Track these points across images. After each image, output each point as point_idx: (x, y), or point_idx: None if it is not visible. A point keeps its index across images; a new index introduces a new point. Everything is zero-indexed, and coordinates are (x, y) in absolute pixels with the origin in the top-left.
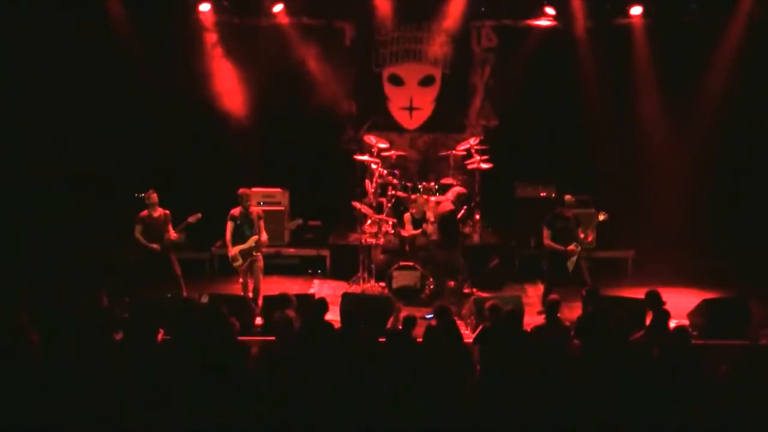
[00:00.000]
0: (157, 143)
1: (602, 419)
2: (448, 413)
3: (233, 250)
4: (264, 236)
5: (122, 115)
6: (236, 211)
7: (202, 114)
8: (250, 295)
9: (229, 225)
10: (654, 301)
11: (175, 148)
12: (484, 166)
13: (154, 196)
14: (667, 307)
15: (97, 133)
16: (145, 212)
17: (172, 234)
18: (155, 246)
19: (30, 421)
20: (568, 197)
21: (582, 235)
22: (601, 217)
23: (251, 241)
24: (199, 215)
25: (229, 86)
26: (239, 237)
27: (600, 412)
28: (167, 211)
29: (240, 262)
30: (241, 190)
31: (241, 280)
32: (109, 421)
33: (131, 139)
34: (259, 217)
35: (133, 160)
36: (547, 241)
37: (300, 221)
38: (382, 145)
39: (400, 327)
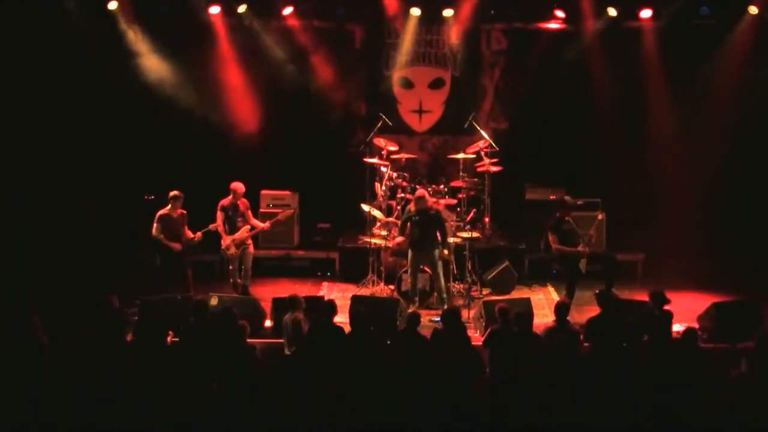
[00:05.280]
0: (167, 145)
1: (611, 421)
2: (458, 415)
3: (227, 240)
4: (257, 223)
5: (131, 117)
6: (226, 201)
7: (212, 116)
8: (239, 281)
9: (220, 215)
10: (657, 301)
11: (185, 150)
12: (494, 168)
13: (181, 196)
14: (677, 310)
15: (107, 134)
16: (164, 211)
17: (190, 234)
18: (177, 245)
19: (38, 422)
20: (567, 198)
21: (591, 232)
22: (599, 217)
23: (243, 231)
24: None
25: (238, 88)
26: (230, 226)
27: (609, 414)
28: (184, 211)
29: (233, 250)
30: (233, 184)
31: (231, 267)
32: (117, 422)
33: (141, 140)
34: (247, 208)
35: (143, 161)
36: (556, 246)
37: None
38: (392, 148)
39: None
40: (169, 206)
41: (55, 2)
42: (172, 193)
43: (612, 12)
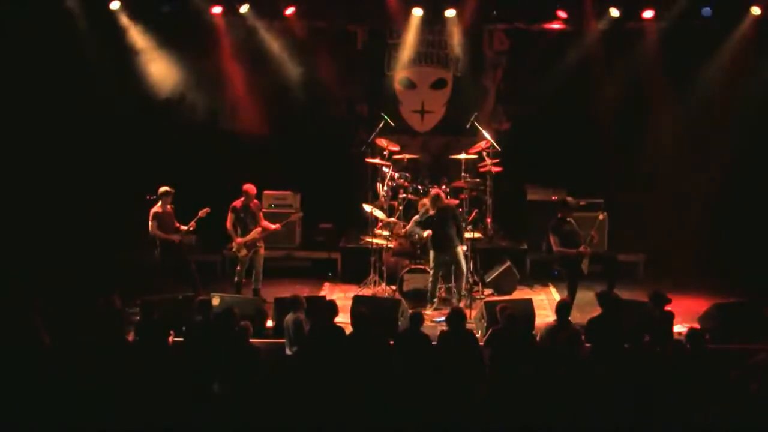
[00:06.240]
0: (168, 145)
1: (611, 422)
2: (459, 415)
3: (238, 241)
4: (267, 225)
5: (131, 116)
6: (238, 203)
7: (214, 116)
8: (244, 280)
9: (230, 216)
10: (658, 302)
11: (187, 150)
12: (496, 169)
13: (171, 192)
14: (678, 310)
15: (107, 134)
16: (157, 208)
17: (183, 227)
18: (175, 237)
19: (40, 421)
20: (569, 199)
21: (593, 234)
22: (601, 217)
23: (255, 233)
24: (208, 209)
25: (240, 88)
26: (242, 228)
27: (609, 416)
28: (172, 206)
29: (245, 252)
30: (246, 186)
31: (238, 268)
32: (118, 422)
33: (142, 140)
34: (259, 209)
35: (143, 161)
36: (557, 248)
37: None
38: (394, 148)
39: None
40: (160, 202)
41: (56, 1)
42: (162, 189)
43: (614, 13)
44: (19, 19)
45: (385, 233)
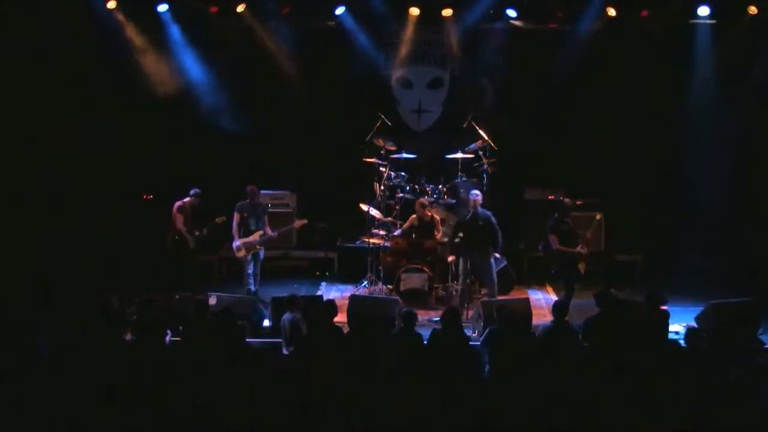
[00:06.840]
0: (165, 144)
1: (610, 421)
2: (456, 415)
3: (237, 241)
4: (268, 230)
5: (131, 117)
6: (243, 204)
7: (211, 116)
8: (252, 287)
9: (236, 216)
10: (655, 301)
11: (183, 150)
12: (492, 168)
13: (200, 193)
14: (675, 310)
15: (105, 134)
16: (182, 203)
17: (196, 232)
18: (190, 243)
19: (39, 421)
20: (567, 200)
21: (589, 236)
22: (598, 217)
23: (256, 235)
24: (224, 218)
25: (237, 88)
26: (245, 229)
27: (607, 415)
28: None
29: (244, 252)
30: (249, 187)
31: (245, 272)
32: (117, 422)
33: (138, 140)
34: (264, 212)
35: (141, 161)
36: (557, 246)
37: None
38: (391, 148)
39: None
40: (188, 199)
41: (54, 1)
42: (194, 190)
43: (612, 12)
44: (17, 19)
45: (382, 233)
